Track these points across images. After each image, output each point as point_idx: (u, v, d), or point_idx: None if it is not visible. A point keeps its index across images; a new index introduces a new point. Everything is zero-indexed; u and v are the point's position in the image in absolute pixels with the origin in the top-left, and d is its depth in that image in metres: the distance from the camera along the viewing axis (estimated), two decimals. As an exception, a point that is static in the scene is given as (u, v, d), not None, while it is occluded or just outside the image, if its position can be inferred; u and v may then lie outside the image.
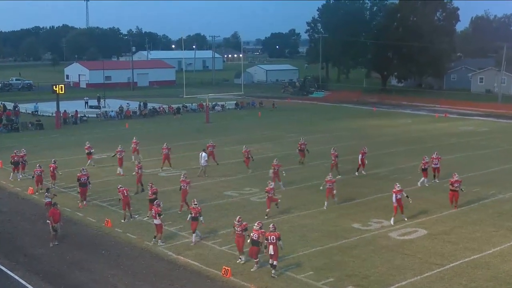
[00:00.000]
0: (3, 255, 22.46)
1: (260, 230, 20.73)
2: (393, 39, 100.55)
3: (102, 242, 24.15)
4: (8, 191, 33.26)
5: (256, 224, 21.07)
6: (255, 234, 20.64)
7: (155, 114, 71.54)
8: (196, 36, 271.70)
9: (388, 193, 31.50)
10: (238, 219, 21.59)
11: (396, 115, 71.68)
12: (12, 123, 59.19)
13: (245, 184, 33.74)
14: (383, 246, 23.26)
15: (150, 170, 37.42)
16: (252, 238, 20.74)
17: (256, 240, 20.62)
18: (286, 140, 50.61)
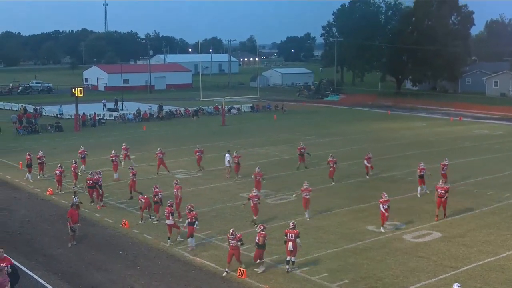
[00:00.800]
0: (22, 255, 22.62)
1: (262, 232, 20.76)
2: (408, 43, 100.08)
3: (119, 243, 24.25)
4: (28, 192, 33.51)
5: (259, 227, 21.09)
6: (258, 238, 20.68)
7: (172, 116, 71.76)
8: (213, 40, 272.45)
9: (402, 195, 31.47)
10: (232, 231, 20.68)
11: (410, 119, 71.30)
12: (32, 125, 59.64)
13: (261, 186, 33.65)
14: (398, 249, 23.14)
15: (166, 172, 37.52)
16: (256, 242, 20.75)
17: (260, 243, 20.66)
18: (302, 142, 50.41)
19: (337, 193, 32.26)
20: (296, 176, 36.32)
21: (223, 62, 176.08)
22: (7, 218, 28.35)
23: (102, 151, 45.46)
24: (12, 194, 33.05)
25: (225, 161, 36.41)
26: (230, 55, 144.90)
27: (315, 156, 42.58)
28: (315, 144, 49.68)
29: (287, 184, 33.95)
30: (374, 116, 74.53)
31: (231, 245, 20.68)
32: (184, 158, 42.71)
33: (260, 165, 38.97)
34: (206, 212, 28.06)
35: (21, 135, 56.27)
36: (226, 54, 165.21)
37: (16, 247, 23.71)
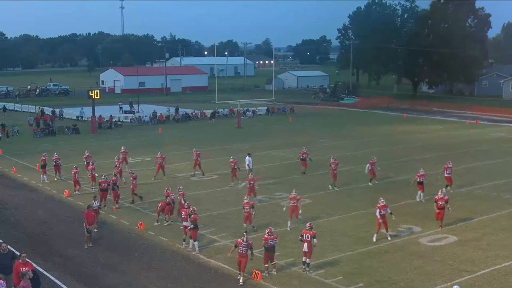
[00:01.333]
0: (39, 256, 22.77)
1: (273, 236, 20.74)
2: (424, 46, 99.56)
3: (134, 245, 24.34)
4: (45, 193, 33.75)
5: (268, 230, 21.04)
6: (269, 241, 20.63)
7: (187, 119, 71.94)
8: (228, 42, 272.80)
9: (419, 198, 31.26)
10: (245, 238, 20.30)
11: (426, 121, 70.93)
12: (49, 127, 60.06)
13: (276, 189, 33.70)
14: (413, 252, 23.00)
15: (183, 175, 37.63)
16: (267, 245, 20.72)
17: (271, 246, 20.63)
18: (318, 145, 50.42)
19: (353, 196, 32.15)
20: (310, 179, 36.30)
21: (239, 64, 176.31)
22: (24, 219, 28.57)
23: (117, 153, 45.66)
24: (30, 195, 33.31)
25: (245, 163, 36.20)
26: (246, 58, 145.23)
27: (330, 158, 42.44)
28: (330, 147, 49.62)
29: (302, 186, 33.82)
30: (389, 119, 74.23)
31: (240, 253, 20.22)
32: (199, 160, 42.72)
33: (275, 168, 39.17)
34: (221, 215, 28.09)
35: (38, 137, 56.69)
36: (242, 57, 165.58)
37: (33, 248, 23.86)
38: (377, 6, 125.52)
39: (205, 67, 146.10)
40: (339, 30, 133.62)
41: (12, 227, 27.02)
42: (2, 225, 26.62)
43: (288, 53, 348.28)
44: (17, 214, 29.41)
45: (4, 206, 31.00)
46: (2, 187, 35.49)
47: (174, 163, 41.80)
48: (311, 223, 21.69)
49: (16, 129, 58.27)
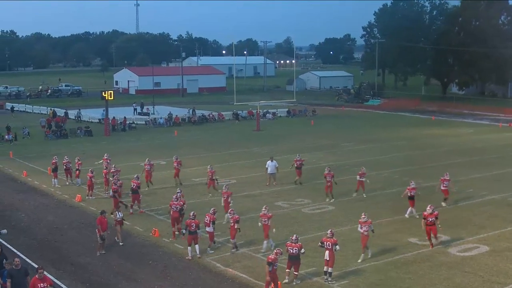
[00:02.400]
0: (50, 263, 22.93)
1: (298, 244, 20.69)
2: (454, 44, 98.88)
3: (149, 252, 24.43)
4: (56, 198, 34.02)
5: (294, 238, 20.97)
6: (294, 249, 20.60)
7: (204, 121, 72.15)
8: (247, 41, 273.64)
9: (447, 206, 31.01)
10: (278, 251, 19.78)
11: (456, 125, 70.39)
12: (61, 129, 60.56)
13: (297, 195, 33.65)
14: (442, 263, 22.81)
15: (198, 179, 37.72)
16: (291, 253, 20.69)
17: (295, 254, 20.57)
18: (341, 149, 50.31)
19: (377, 203, 31.98)
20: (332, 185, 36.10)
21: (258, 64, 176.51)
22: (35, 224, 28.82)
23: (131, 156, 46.00)
24: (40, 200, 33.61)
25: (268, 169, 35.99)
26: (266, 57, 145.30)
27: (356, 163, 42.39)
28: (354, 151, 49.48)
29: (324, 192, 33.75)
30: (417, 121, 73.79)
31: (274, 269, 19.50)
32: (216, 164, 42.81)
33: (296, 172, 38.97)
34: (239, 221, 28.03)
35: (49, 140, 57.18)
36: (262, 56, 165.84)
37: (43, 254, 24.07)
38: (404, 3, 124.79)
39: (223, 67, 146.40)
40: (364, 28, 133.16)
41: (22, 233, 27.26)
42: (12, 230, 26.84)
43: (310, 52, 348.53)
44: (27, 220, 29.68)
45: (14, 211, 31.31)
46: (12, 191, 35.86)
47: (190, 167, 41.90)
48: (333, 230, 21.64)
49: (27, 131, 58.82)
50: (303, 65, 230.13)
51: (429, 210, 24.40)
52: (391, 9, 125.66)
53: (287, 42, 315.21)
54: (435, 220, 24.32)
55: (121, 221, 25.46)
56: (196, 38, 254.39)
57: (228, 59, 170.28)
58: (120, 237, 25.17)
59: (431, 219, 24.25)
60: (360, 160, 44.41)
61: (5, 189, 36.62)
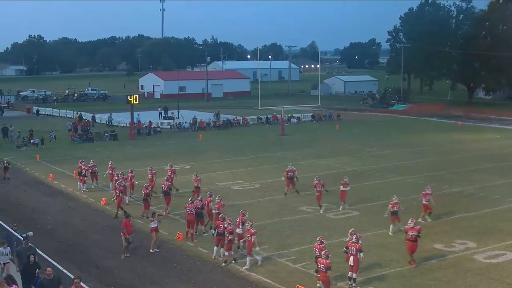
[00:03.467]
0: (75, 266, 23.13)
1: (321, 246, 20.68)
2: (481, 49, 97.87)
3: (173, 256, 24.53)
4: (81, 201, 34.33)
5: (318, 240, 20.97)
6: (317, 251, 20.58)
7: (229, 125, 72.31)
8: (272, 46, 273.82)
9: (474, 212, 30.71)
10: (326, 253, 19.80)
11: (483, 130, 69.67)
12: (87, 133, 61.09)
13: (322, 200, 33.48)
14: (468, 270, 22.58)
15: (223, 183, 37.80)
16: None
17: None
18: (365, 154, 50.07)
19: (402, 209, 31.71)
20: (359, 189, 35.97)
21: (283, 69, 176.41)
22: (61, 227, 29.11)
23: (156, 161, 46.22)
24: (66, 203, 33.93)
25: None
26: (290, 62, 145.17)
27: (381, 168, 42.25)
28: (379, 156, 49.21)
29: (348, 198, 33.61)
30: (443, 127, 73.17)
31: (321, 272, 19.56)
32: (241, 169, 42.96)
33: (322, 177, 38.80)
34: (263, 226, 28.07)
35: (75, 143, 57.71)
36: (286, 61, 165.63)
37: (69, 257, 24.29)
38: (430, 7, 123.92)
39: (248, 71, 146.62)
40: (389, 32, 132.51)
41: (49, 236, 27.55)
42: (38, 233, 27.11)
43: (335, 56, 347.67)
44: (53, 222, 30.00)
45: (40, 214, 31.67)
46: (39, 194, 36.27)
47: (215, 171, 42.05)
48: (358, 236, 21.51)
49: (53, 135, 59.42)
50: (328, 70, 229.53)
51: (410, 224, 22.97)
52: (417, 13, 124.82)
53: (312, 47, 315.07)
54: (417, 235, 22.73)
55: (156, 228, 25.11)
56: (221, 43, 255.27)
57: (252, 64, 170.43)
58: (154, 245, 25.18)
59: (412, 234, 22.67)
60: (385, 165, 44.21)
61: (31, 192, 37.05)
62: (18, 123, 66.84)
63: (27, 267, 18.96)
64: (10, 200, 35.00)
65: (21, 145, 55.07)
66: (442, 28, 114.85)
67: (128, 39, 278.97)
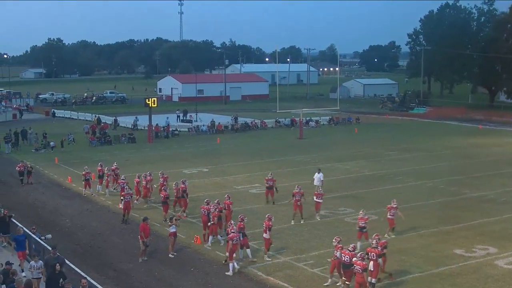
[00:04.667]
0: (93, 269, 23.24)
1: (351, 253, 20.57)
2: (503, 52, 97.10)
3: (190, 259, 24.56)
4: (100, 204, 34.51)
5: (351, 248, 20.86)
6: (346, 257, 20.47)
7: (247, 129, 72.34)
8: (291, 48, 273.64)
9: (495, 217, 30.44)
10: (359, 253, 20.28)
11: (504, 134, 69.04)
12: (105, 136, 61.41)
13: (340, 204, 33.42)
14: (489, 275, 22.36)
15: (240, 187, 37.81)
16: (344, 261, 20.55)
17: (348, 263, 20.45)
18: (384, 158, 49.84)
19: (422, 213, 31.54)
20: (378, 193, 35.83)
21: (302, 72, 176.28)
22: (79, 230, 29.29)
23: (173, 164, 46.42)
24: (84, 206, 34.13)
25: (314, 180, 35.46)
26: (309, 65, 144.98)
27: (399, 172, 42.05)
28: (398, 159, 48.95)
29: (367, 202, 33.50)
30: (463, 130, 72.66)
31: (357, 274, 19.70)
32: (259, 172, 42.92)
33: (339, 181, 38.81)
34: (281, 230, 28.03)
35: (93, 146, 58.04)
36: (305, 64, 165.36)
37: (86, 260, 24.42)
38: (451, 9, 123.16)
39: (266, 74, 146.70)
40: (409, 35, 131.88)
41: (67, 238, 27.73)
42: (57, 235, 27.32)
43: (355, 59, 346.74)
44: (71, 225, 30.20)
45: (58, 216, 31.89)
46: (57, 197, 36.53)
47: (232, 174, 42.09)
48: (384, 242, 21.58)
49: (72, 137, 59.83)
50: (347, 73, 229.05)
51: (374, 242, 21.32)
52: (437, 15, 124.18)
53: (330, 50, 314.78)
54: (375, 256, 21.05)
55: (175, 232, 25.08)
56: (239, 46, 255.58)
57: (271, 67, 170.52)
58: (172, 248, 25.21)
59: (371, 255, 21.09)
60: (405, 169, 43.97)
61: (50, 194, 37.33)
62: (37, 125, 67.33)
63: (52, 275, 18.81)
64: (29, 202, 35.29)
65: (40, 148, 55.53)
66: (463, 30, 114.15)
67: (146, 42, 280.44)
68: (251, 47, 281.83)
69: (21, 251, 22.57)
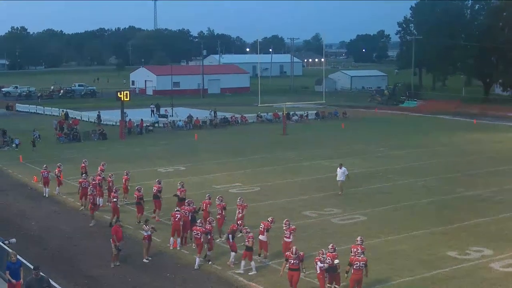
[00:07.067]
0: (61, 275, 23.08)
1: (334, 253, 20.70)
2: (498, 42, 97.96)
3: (166, 264, 24.51)
4: (68, 205, 34.31)
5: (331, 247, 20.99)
6: (328, 259, 20.58)
7: (226, 124, 72.34)
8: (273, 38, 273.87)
9: (491, 217, 30.72)
10: (295, 250, 20.64)
11: (500, 129, 69.71)
12: (73, 131, 60.98)
13: (326, 204, 33.52)
14: (484, 279, 22.58)
15: (220, 186, 37.82)
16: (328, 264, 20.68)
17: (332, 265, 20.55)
18: (374, 155, 50.08)
19: (414, 213, 31.76)
20: (367, 193, 36.02)
21: (285, 63, 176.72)
22: (46, 233, 29.09)
23: (148, 162, 46.30)
24: (52, 207, 33.91)
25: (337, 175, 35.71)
26: (293, 56, 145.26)
27: (389, 170, 42.27)
28: (388, 156, 49.23)
29: (356, 202, 33.66)
30: (457, 125, 73.24)
31: (290, 266, 20.55)
32: (240, 170, 42.97)
33: (325, 180, 38.88)
34: (263, 232, 28.07)
35: (61, 143, 57.69)
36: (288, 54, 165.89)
37: (54, 266, 24.25)
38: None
39: (247, 65, 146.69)
40: (399, 24, 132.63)
41: (33, 243, 27.52)
42: (23, 239, 27.05)
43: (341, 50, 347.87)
44: (37, 228, 29.98)
45: (24, 219, 31.64)
46: (22, 198, 36.24)
47: (211, 173, 42.07)
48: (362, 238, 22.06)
49: (38, 134, 59.36)
50: (333, 64, 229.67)
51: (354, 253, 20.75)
52: (429, 3, 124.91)
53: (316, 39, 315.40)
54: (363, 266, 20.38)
55: (150, 236, 25.05)
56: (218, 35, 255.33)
57: (252, 57, 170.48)
58: (146, 253, 25.09)
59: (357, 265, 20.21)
60: (395, 167, 44.22)
61: (14, 195, 37.00)
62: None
63: None
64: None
65: (2, 146, 55.05)
66: (456, 19, 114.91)
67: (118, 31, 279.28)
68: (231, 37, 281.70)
69: None
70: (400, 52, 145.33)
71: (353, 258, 20.35)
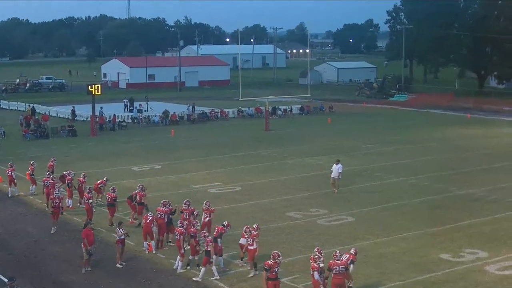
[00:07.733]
0: (28, 282, 22.99)
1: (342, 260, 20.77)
2: (493, 32, 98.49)
3: (141, 269, 24.43)
4: (35, 207, 34.09)
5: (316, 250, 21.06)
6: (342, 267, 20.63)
7: (205, 119, 72.23)
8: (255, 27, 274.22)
9: (486, 217, 30.94)
10: (276, 254, 20.28)
11: (495, 123, 70.23)
12: (40, 128, 60.59)
13: (311, 204, 33.57)
14: (478, 283, 22.75)
15: (198, 186, 37.77)
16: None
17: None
18: (362, 151, 50.26)
19: (405, 214, 31.89)
20: (354, 192, 36.12)
21: (267, 54, 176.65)
22: (12, 237, 28.89)
23: (121, 160, 46.11)
24: (18, 209, 33.65)
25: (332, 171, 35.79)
26: (276, 46, 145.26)
27: (378, 167, 42.42)
28: (378, 153, 49.40)
29: (343, 202, 33.77)
30: (450, 120, 73.69)
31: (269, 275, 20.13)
32: (219, 169, 42.93)
33: (310, 178, 38.98)
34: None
35: (28, 140, 57.33)
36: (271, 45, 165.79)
37: (21, 271, 24.08)
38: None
39: (227, 57, 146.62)
40: (388, 12, 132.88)
41: (-3, 247, 27.38)
42: (-15, 244, 26.97)
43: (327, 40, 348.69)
44: (2, 231, 29.75)
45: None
46: (-15, 199, 35.97)
47: (189, 171, 42.00)
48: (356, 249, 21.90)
49: (2, 131, 58.95)
50: (318, 55, 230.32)
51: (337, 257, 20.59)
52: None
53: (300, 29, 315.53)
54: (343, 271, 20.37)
55: (123, 240, 24.88)
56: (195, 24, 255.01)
57: (232, 48, 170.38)
58: (120, 258, 24.91)
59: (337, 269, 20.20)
60: (384, 164, 44.36)
61: (-23, 196, 36.74)
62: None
63: None
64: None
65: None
66: (449, 8, 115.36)
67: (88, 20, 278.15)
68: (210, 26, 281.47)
69: None
70: (389, 43, 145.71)
71: (332, 262, 20.26)
